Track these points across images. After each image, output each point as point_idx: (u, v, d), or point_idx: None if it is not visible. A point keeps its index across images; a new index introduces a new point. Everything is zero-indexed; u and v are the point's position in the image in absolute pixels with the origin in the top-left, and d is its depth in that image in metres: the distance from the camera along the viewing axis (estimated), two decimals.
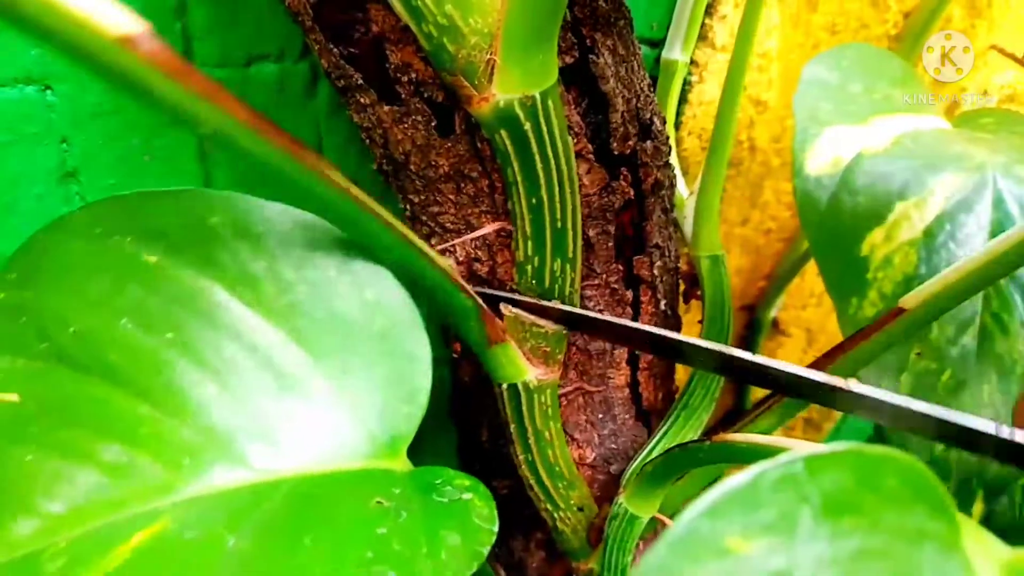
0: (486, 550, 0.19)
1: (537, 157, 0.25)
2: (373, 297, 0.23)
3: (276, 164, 0.19)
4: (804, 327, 0.60)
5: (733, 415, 0.64)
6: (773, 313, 0.59)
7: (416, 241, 0.25)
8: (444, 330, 0.40)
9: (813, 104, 0.39)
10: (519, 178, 0.26)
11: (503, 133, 0.24)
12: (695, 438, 0.31)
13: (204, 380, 0.22)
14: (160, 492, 0.22)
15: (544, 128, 0.25)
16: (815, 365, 0.28)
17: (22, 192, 0.33)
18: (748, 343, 0.60)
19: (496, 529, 0.20)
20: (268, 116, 0.19)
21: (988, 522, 0.37)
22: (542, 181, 0.26)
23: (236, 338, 0.23)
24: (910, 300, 0.24)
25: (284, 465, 0.22)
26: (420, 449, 0.39)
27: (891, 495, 0.15)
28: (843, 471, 0.15)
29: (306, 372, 0.23)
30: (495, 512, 0.21)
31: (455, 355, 0.36)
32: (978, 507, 0.35)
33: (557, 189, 0.26)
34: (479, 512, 0.21)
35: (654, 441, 0.33)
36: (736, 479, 0.14)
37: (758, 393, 0.63)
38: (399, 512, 0.20)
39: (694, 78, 0.43)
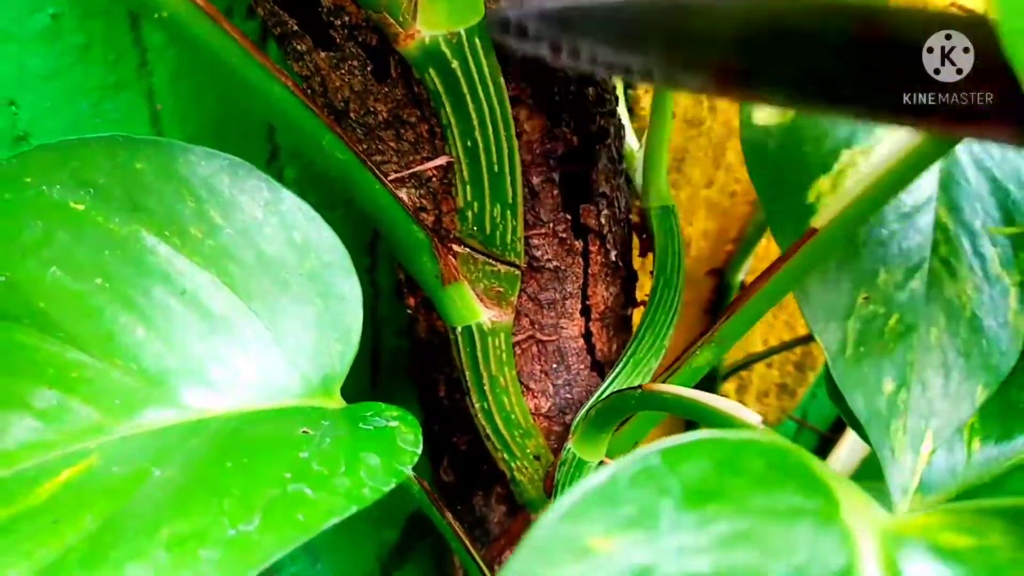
0: (407, 469, 0.20)
1: (468, 97, 0.25)
2: (301, 239, 0.23)
3: (230, 58, 0.19)
4: None
5: (704, 381, 0.65)
6: (741, 276, 0.59)
7: (377, 171, 0.25)
8: (399, 288, 0.40)
9: None
10: (452, 120, 0.26)
11: (432, 73, 0.24)
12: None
13: (134, 324, 0.23)
14: (92, 433, 0.22)
15: (473, 67, 0.25)
16: (742, 296, 0.29)
17: None
18: (717, 308, 0.60)
19: (419, 451, 0.20)
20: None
21: None
22: (475, 123, 0.26)
23: (165, 282, 0.23)
24: (820, 220, 0.25)
25: (216, 404, 0.22)
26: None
27: (756, 477, 0.15)
28: (702, 459, 0.15)
29: (236, 314, 0.23)
30: (419, 437, 0.21)
31: (409, 310, 0.36)
32: None
33: (491, 131, 0.26)
34: (403, 437, 0.21)
35: (601, 389, 0.33)
36: (595, 478, 0.14)
37: (732, 358, 0.64)
38: (323, 439, 0.20)
39: None
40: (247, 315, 0.23)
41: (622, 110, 0.37)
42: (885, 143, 0.36)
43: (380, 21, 0.24)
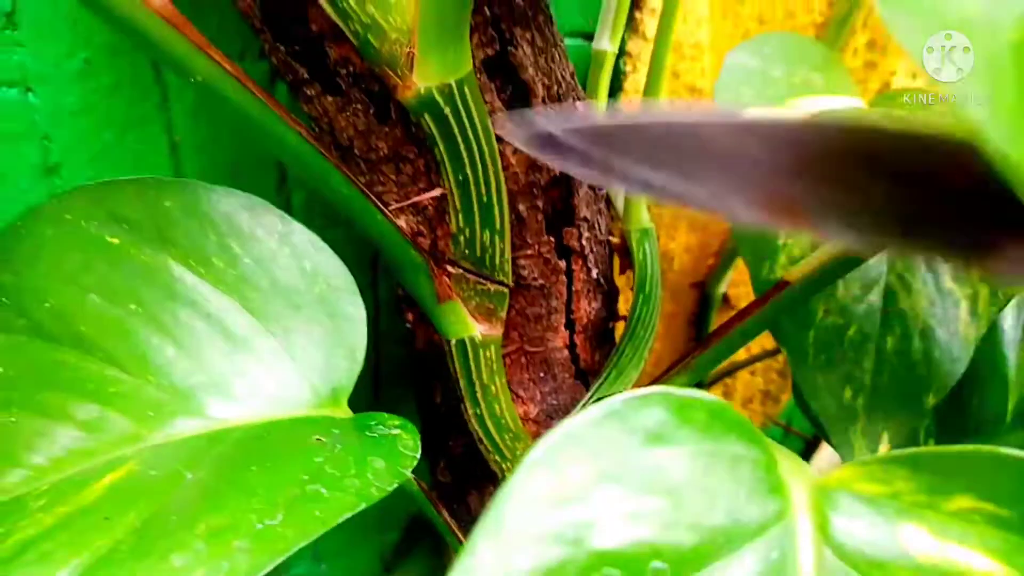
0: (407, 471, 0.23)
1: (459, 138, 0.28)
2: (311, 267, 0.26)
3: (254, 113, 0.22)
4: None
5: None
6: (723, 289, 0.62)
7: (379, 203, 0.28)
8: (398, 304, 0.43)
9: (735, 88, 0.42)
10: (445, 157, 0.29)
11: (427, 117, 0.28)
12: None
13: (165, 344, 0.26)
14: (129, 442, 0.25)
15: (463, 112, 0.28)
16: (718, 332, 0.32)
17: (9, 186, 0.36)
18: (700, 319, 0.63)
19: (418, 455, 0.23)
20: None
21: None
22: (465, 160, 0.29)
23: (191, 306, 0.26)
24: (794, 273, 0.28)
25: (237, 415, 0.25)
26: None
27: (704, 426, 0.18)
28: (659, 408, 0.18)
29: (254, 334, 0.26)
30: (419, 443, 0.24)
31: (408, 324, 0.39)
32: None
33: (480, 167, 0.29)
34: (404, 443, 0.24)
35: (586, 397, 0.36)
36: (566, 422, 0.17)
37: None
38: (334, 445, 0.23)
39: (628, 68, 0.46)
40: (264, 335, 0.26)
41: None
42: None
43: (381, 74, 0.27)
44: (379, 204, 0.28)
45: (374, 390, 0.52)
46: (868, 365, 0.37)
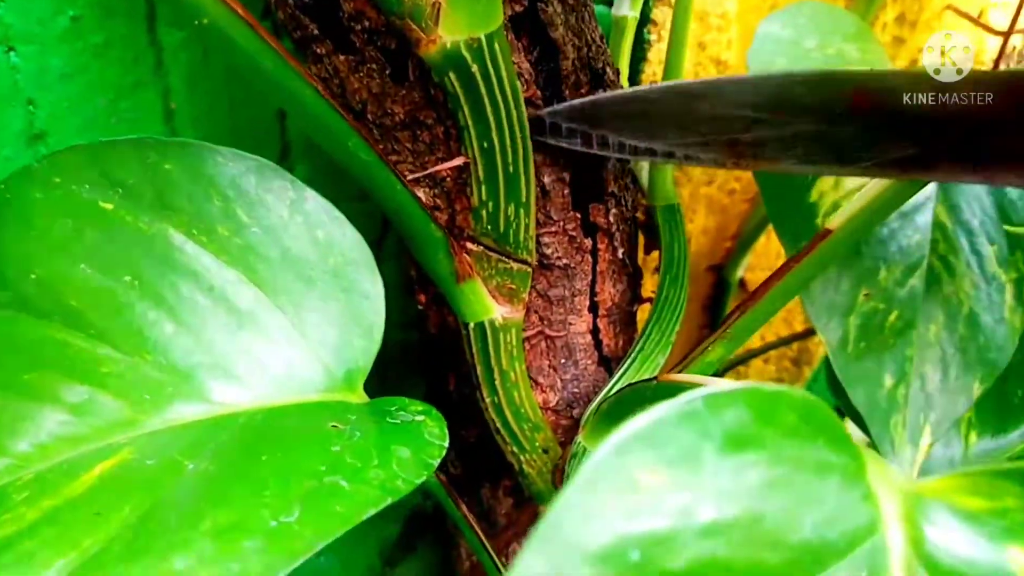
0: (435, 462, 0.20)
1: (486, 100, 0.26)
2: (324, 237, 0.24)
3: (266, 63, 0.20)
4: None
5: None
6: (740, 273, 0.60)
7: (392, 166, 0.26)
8: (409, 283, 0.40)
9: (767, 59, 0.40)
10: (470, 122, 0.27)
11: (452, 76, 0.25)
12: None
13: (163, 320, 0.23)
14: (123, 427, 0.22)
15: (492, 71, 0.25)
16: (756, 293, 0.29)
17: None
18: (716, 303, 0.61)
19: (446, 445, 0.21)
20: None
21: None
22: (492, 124, 0.27)
23: (193, 279, 0.23)
24: (835, 221, 0.25)
25: (243, 398, 0.23)
26: None
27: (790, 430, 0.16)
28: (742, 408, 0.16)
29: (262, 310, 0.23)
30: (446, 431, 0.22)
31: (420, 306, 0.37)
32: None
33: (507, 133, 0.27)
34: (430, 431, 0.22)
35: (611, 383, 0.34)
36: (642, 418, 0.15)
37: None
38: (353, 433, 0.21)
39: (653, 37, 0.44)
40: (272, 311, 0.23)
41: None
42: None
43: (402, 27, 0.24)
44: (396, 171, 0.25)
45: (379, 377, 0.50)
46: (910, 353, 0.35)
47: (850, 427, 0.65)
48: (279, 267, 0.23)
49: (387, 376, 0.50)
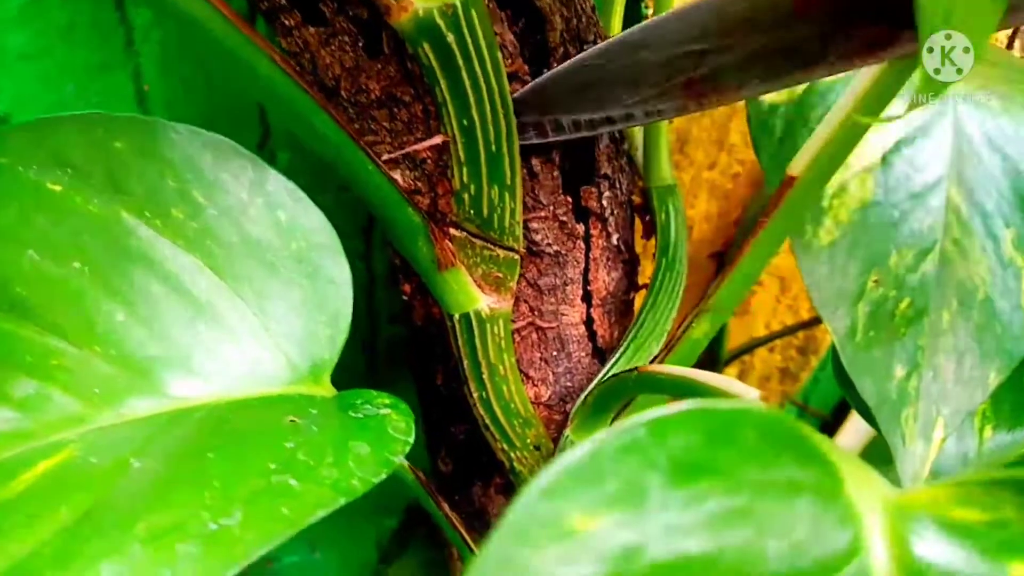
0: (398, 458, 0.19)
1: (464, 73, 0.24)
2: (287, 219, 0.22)
3: (214, 28, 0.18)
4: (776, 274, 0.59)
5: (706, 365, 0.64)
6: None
7: (365, 147, 0.24)
8: (394, 273, 0.39)
9: None
10: (448, 97, 0.25)
11: (426, 47, 0.23)
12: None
13: (116, 310, 0.22)
14: (72, 423, 0.21)
15: (470, 40, 0.23)
16: (733, 259, 0.28)
17: None
18: None
19: (411, 440, 0.20)
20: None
21: None
22: (471, 101, 0.25)
23: (147, 266, 0.22)
24: (797, 167, 0.24)
25: (201, 392, 0.21)
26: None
27: (751, 450, 0.14)
28: (692, 431, 0.14)
29: (221, 298, 0.22)
30: (412, 425, 0.20)
31: (405, 297, 0.35)
32: None
33: (489, 109, 0.25)
34: (395, 425, 0.20)
35: (601, 374, 0.32)
36: (576, 452, 0.13)
37: (734, 342, 0.63)
38: (310, 428, 0.19)
39: (649, 11, 0.42)
40: (232, 299, 0.22)
41: None
42: (898, 120, 0.35)
43: None
44: (370, 152, 0.24)
45: (368, 371, 0.48)
46: (922, 342, 0.33)
47: (854, 425, 0.63)
48: (239, 252, 0.22)
49: (376, 370, 0.48)
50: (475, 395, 0.32)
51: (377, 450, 0.18)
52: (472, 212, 0.28)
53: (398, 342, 0.48)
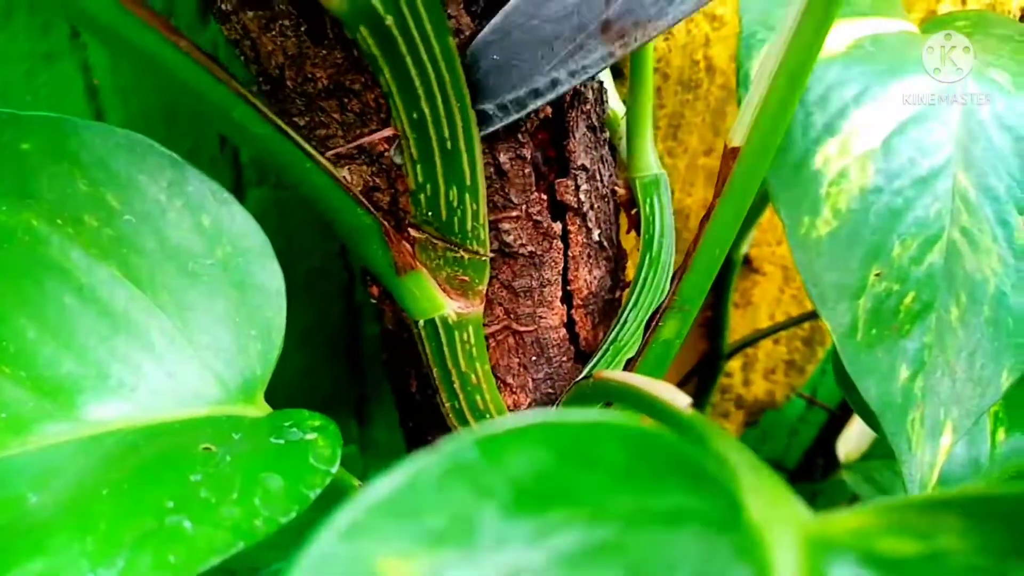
0: (314, 493, 0.17)
1: (409, 60, 0.22)
2: (211, 223, 0.20)
3: (150, 48, 0.16)
4: (779, 264, 0.57)
5: (708, 359, 0.62)
6: (744, 250, 0.55)
7: (306, 145, 0.22)
8: (364, 275, 0.37)
9: (763, 8, 0.35)
10: (393, 88, 0.23)
11: (364, 32, 0.21)
12: None
13: (27, 326, 0.20)
14: None
15: (412, 24, 0.21)
16: (691, 250, 0.25)
17: None
18: (719, 284, 0.57)
19: (334, 470, 0.17)
20: None
21: None
22: (420, 91, 0.23)
23: (60, 277, 0.20)
24: (737, 137, 0.21)
25: (119, 415, 0.19)
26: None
27: (618, 472, 0.12)
28: (538, 449, 0.11)
29: (140, 311, 0.20)
30: (338, 452, 0.18)
31: (374, 299, 0.33)
32: None
33: (441, 101, 0.23)
34: (318, 453, 0.18)
35: (579, 378, 0.30)
36: (386, 482, 0.11)
37: (737, 334, 0.60)
38: (224, 457, 0.17)
39: None
40: (152, 311, 0.20)
41: (606, 73, 0.34)
42: (901, 101, 0.32)
43: None
44: (307, 147, 0.21)
45: (355, 374, 0.46)
46: (929, 339, 0.30)
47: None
48: (158, 260, 0.20)
49: (361, 372, 0.46)
50: (447, 405, 0.30)
51: (291, 483, 0.16)
52: (430, 214, 0.26)
53: (379, 343, 0.46)
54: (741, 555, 0.11)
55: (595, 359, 0.30)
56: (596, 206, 0.32)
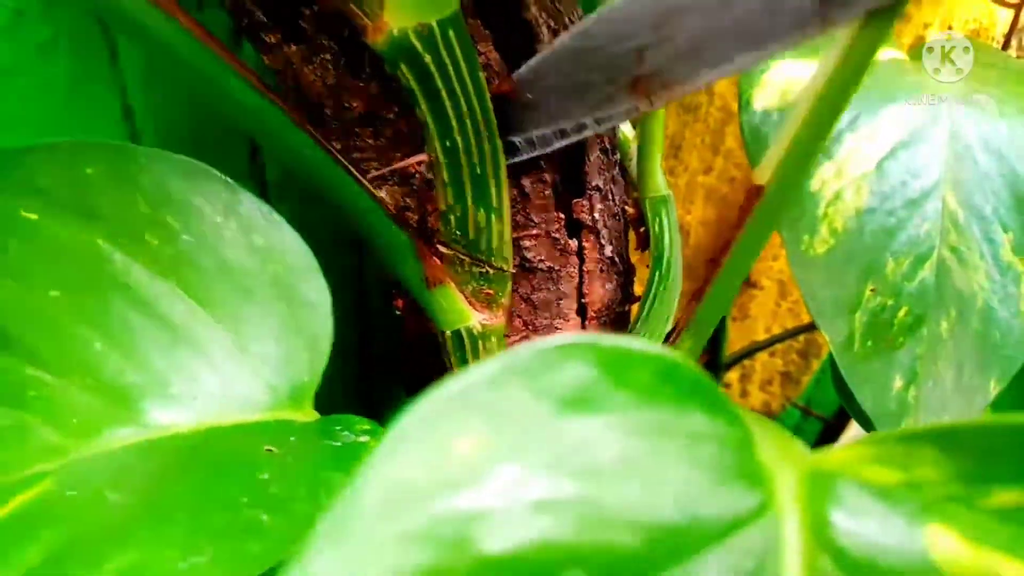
0: None
1: (444, 95, 0.24)
2: (263, 242, 0.22)
3: (178, 45, 0.18)
4: (776, 278, 0.59)
5: (707, 370, 0.63)
6: None
7: (353, 171, 0.24)
8: (387, 289, 0.38)
9: None
10: (429, 119, 0.24)
11: (404, 68, 0.23)
12: None
13: (94, 337, 0.21)
14: (50, 455, 0.21)
15: (448, 62, 0.23)
16: (708, 278, 0.27)
17: None
18: None
19: None
20: None
21: None
22: (453, 123, 0.24)
23: (124, 292, 0.21)
24: (763, 175, 0.23)
25: (180, 419, 0.21)
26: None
27: (647, 391, 0.13)
28: (585, 363, 0.13)
29: (198, 324, 0.21)
30: None
31: (398, 311, 0.35)
32: None
33: (472, 131, 0.25)
34: None
35: None
36: (460, 378, 0.12)
37: (734, 346, 0.62)
38: (286, 458, 0.19)
39: None
40: (209, 324, 0.21)
41: None
42: (892, 126, 0.35)
43: (348, 13, 0.22)
44: (352, 170, 0.23)
45: (363, 386, 0.48)
46: (921, 351, 0.32)
47: (858, 429, 0.62)
48: (215, 277, 0.21)
49: (373, 384, 0.48)
50: None
51: None
52: (459, 234, 0.28)
53: (393, 355, 0.48)
54: (749, 477, 0.13)
55: None
56: (608, 224, 0.33)
